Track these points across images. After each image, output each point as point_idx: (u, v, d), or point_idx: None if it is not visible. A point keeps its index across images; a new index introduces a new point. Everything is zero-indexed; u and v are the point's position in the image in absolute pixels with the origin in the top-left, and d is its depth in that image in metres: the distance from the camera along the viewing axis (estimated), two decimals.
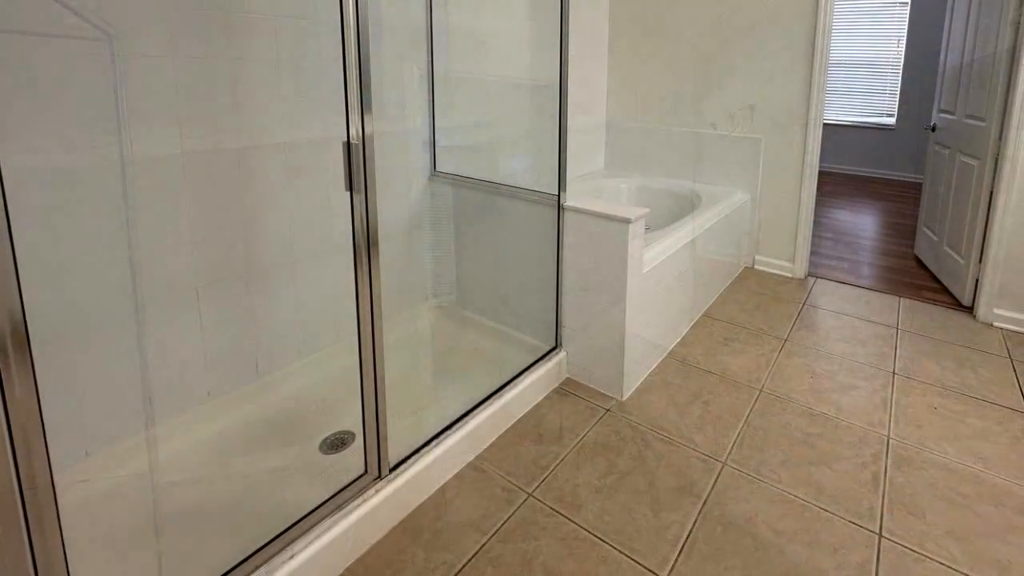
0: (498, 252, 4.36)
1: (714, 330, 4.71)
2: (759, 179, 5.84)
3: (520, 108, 4.91)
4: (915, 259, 6.55)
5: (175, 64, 2.94)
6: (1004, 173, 4.66)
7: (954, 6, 5.92)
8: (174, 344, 3.13)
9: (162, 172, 2.95)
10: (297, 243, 3.67)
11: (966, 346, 4.51)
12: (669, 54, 6.22)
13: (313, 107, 3.61)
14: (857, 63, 11.31)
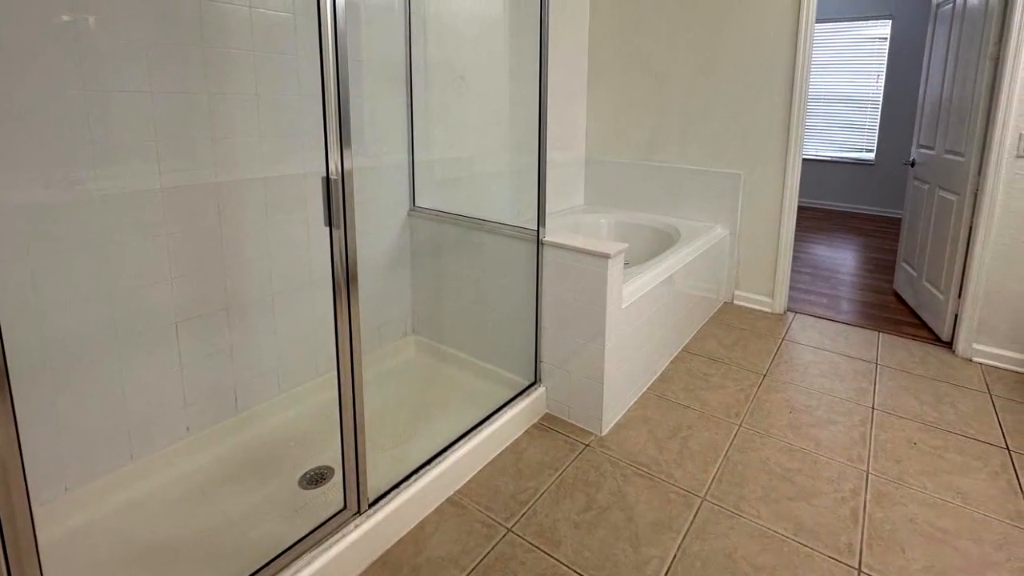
0: (478, 287, 4.38)
1: (693, 365, 4.73)
2: (738, 214, 5.89)
3: (499, 143, 4.96)
4: (894, 294, 6.60)
5: (154, 99, 2.96)
6: (983, 208, 4.70)
7: (933, 41, 6.01)
8: (153, 379, 3.14)
9: (141, 207, 2.97)
10: (276, 278, 3.69)
11: (945, 381, 4.55)
12: (648, 89, 6.28)
13: (292, 142, 3.64)
14: (836, 98, 11.41)
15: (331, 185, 2.32)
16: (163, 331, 3.15)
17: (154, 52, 2.93)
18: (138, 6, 2.84)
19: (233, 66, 3.29)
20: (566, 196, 6.59)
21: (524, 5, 4.88)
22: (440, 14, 4.55)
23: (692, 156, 6.11)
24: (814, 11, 5.23)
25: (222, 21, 3.20)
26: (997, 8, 4.55)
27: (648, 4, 6.10)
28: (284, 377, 3.83)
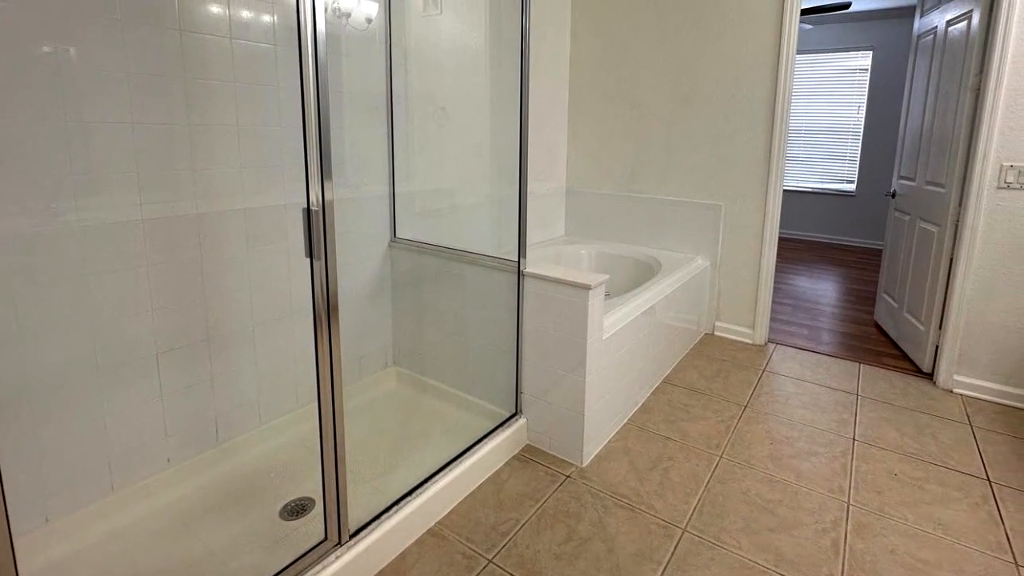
0: (458, 318, 4.40)
1: (674, 396, 4.75)
2: (719, 245, 5.93)
3: (480, 174, 4.99)
4: (875, 325, 6.64)
5: (135, 130, 2.98)
6: (964, 239, 4.74)
7: (914, 73, 6.05)
8: (134, 410, 3.15)
9: (122, 238, 2.98)
10: (257, 309, 3.71)
11: (926, 412, 4.57)
12: (629, 120, 6.34)
13: (273, 173, 3.67)
14: (818, 129, 11.48)
15: (312, 216, 2.33)
16: (144, 362, 3.16)
17: (135, 83, 2.95)
18: (119, 37, 2.87)
19: (214, 97, 3.31)
20: (547, 227, 6.63)
21: (505, 36, 4.91)
22: (421, 45, 4.59)
23: (673, 187, 6.16)
24: (795, 43, 5.28)
25: (203, 52, 3.23)
26: (978, 39, 4.61)
27: (629, 35, 6.16)
28: (265, 408, 3.85)
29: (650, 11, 5.99)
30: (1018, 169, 4.43)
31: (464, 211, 5.00)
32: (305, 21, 2.16)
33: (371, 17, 4.20)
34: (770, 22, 5.34)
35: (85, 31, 2.75)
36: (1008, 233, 4.56)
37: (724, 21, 5.58)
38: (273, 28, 3.57)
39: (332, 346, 2.49)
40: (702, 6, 5.68)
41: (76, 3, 2.70)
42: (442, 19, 4.67)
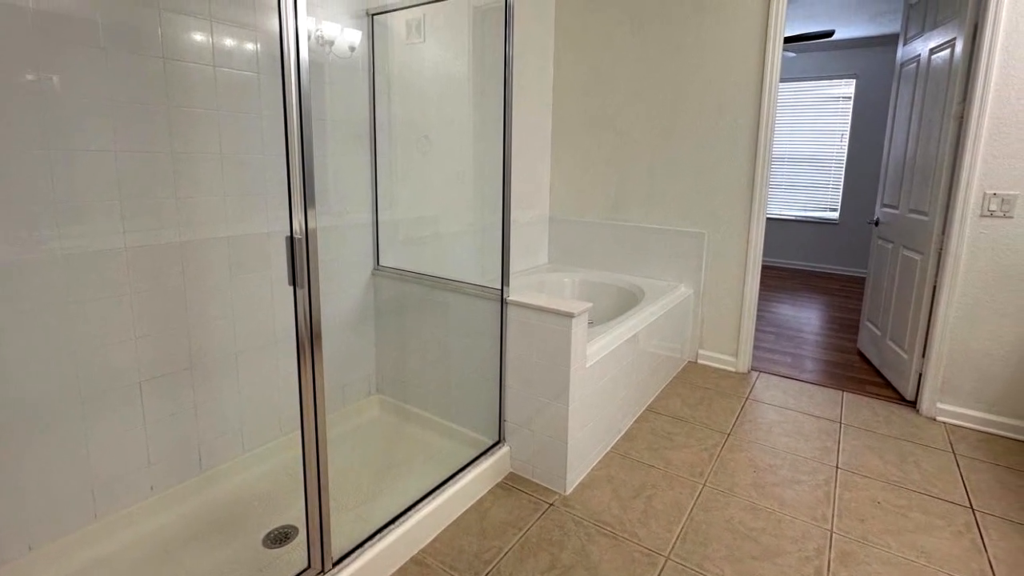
0: (442, 346, 4.41)
1: (657, 424, 4.76)
2: (702, 273, 5.96)
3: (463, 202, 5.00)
4: (858, 353, 6.68)
5: (118, 158, 3.00)
6: (947, 267, 4.77)
7: (897, 101, 6.08)
8: (117, 438, 3.16)
9: (105, 266, 3.00)
10: (240, 337, 3.73)
11: (909, 440, 4.60)
12: (612, 148, 6.38)
13: (256, 201, 3.69)
14: (801, 157, 11.55)
15: (295, 244, 2.33)
16: (127, 390, 3.17)
17: (119, 111, 2.97)
18: (102, 65, 2.89)
19: (197, 125, 3.33)
20: (530, 255, 6.65)
21: (488, 64, 4.95)
22: (404, 73, 4.62)
23: (656, 215, 6.20)
24: (778, 71, 5.33)
25: (186, 80, 3.25)
26: (961, 67, 4.65)
27: (612, 63, 6.22)
28: (248, 436, 3.85)
29: (633, 39, 6.05)
30: (1001, 197, 4.46)
31: (447, 239, 5.02)
32: (288, 49, 2.17)
33: (354, 45, 4.24)
34: (753, 50, 5.39)
35: (68, 59, 2.76)
36: (991, 261, 4.59)
37: (707, 49, 5.63)
38: (256, 56, 3.59)
39: (315, 374, 2.50)
40: (685, 34, 5.73)
41: (59, 31, 2.72)
42: (425, 47, 4.70)
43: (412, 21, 4.60)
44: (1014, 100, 4.34)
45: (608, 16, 6.18)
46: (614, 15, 6.14)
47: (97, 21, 2.84)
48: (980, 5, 4.46)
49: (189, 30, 3.22)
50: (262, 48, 3.61)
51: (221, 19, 3.37)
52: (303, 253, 2.34)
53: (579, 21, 6.38)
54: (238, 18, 3.46)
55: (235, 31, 3.45)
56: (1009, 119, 4.38)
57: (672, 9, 5.77)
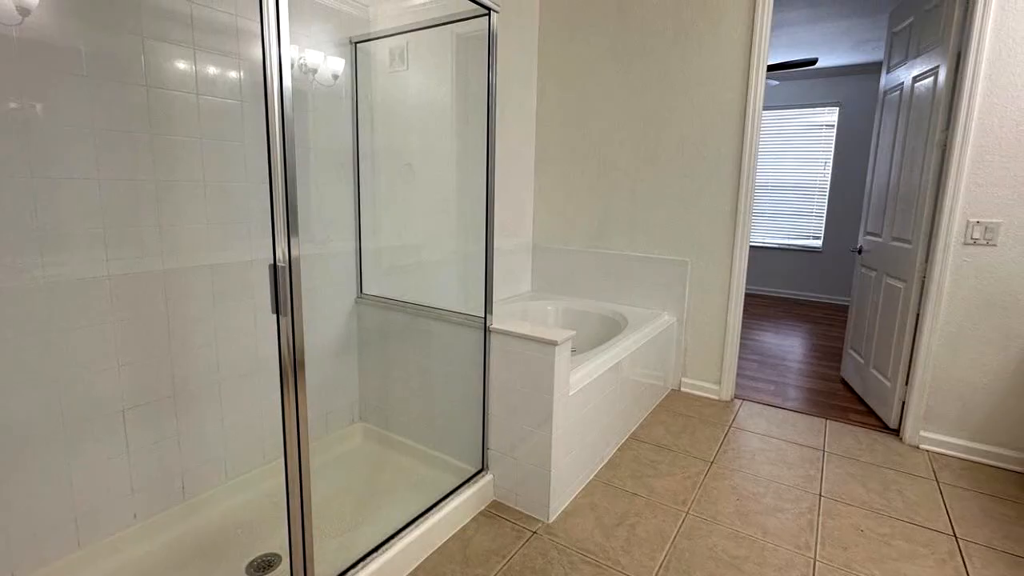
0: (425, 374, 4.43)
1: (641, 452, 4.77)
2: (686, 301, 5.99)
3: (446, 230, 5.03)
4: (842, 381, 6.70)
5: (101, 186, 3.01)
6: (931, 295, 4.80)
7: (881, 128, 6.12)
8: (101, 466, 3.16)
9: (88, 294, 3.01)
10: (223, 365, 3.73)
11: (892, 468, 4.62)
12: (595, 176, 6.42)
13: (240, 229, 3.70)
14: (784, 185, 11.60)
15: (278, 272, 2.33)
16: (110, 418, 3.17)
17: (102, 139, 2.99)
18: (86, 93, 2.91)
19: (181, 153, 3.35)
20: (513, 283, 6.68)
21: (471, 92, 4.98)
22: (387, 101, 4.65)
23: (639, 243, 6.23)
24: (761, 99, 5.38)
25: (170, 108, 3.27)
26: (944, 95, 4.69)
27: (595, 92, 6.27)
28: (231, 464, 3.85)
29: (616, 68, 6.11)
30: (985, 225, 4.50)
31: (430, 267, 5.04)
32: (272, 77, 2.18)
33: (337, 73, 4.27)
34: (737, 78, 5.44)
35: (52, 87, 2.78)
36: (975, 289, 4.63)
37: (691, 77, 5.68)
38: (239, 84, 3.61)
39: (299, 402, 2.50)
40: (668, 62, 5.78)
41: (43, 59, 2.74)
42: (408, 75, 4.73)
43: (395, 49, 4.64)
44: (997, 128, 4.39)
45: (591, 45, 6.24)
46: (597, 44, 6.20)
47: (80, 49, 2.86)
48: (964, 33, 4.52)
49: (172, 58, 3.25)
50: (245, 76, 3.63)
51: (204, 47, 3.40)
52: (286, 281, 2.34)
53: (562, 49, 6.44)
54: (221, 46, 3.49)
55: (218, 59, 3.48)
56: (992, 147, 4.42)
57: (655, 37, 5.82)
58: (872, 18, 7.77)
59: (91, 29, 2.89)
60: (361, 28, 4.41)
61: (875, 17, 7.73)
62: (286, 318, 2.38)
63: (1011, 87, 4.32)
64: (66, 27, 2.80)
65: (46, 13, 2.73)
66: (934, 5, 4.96)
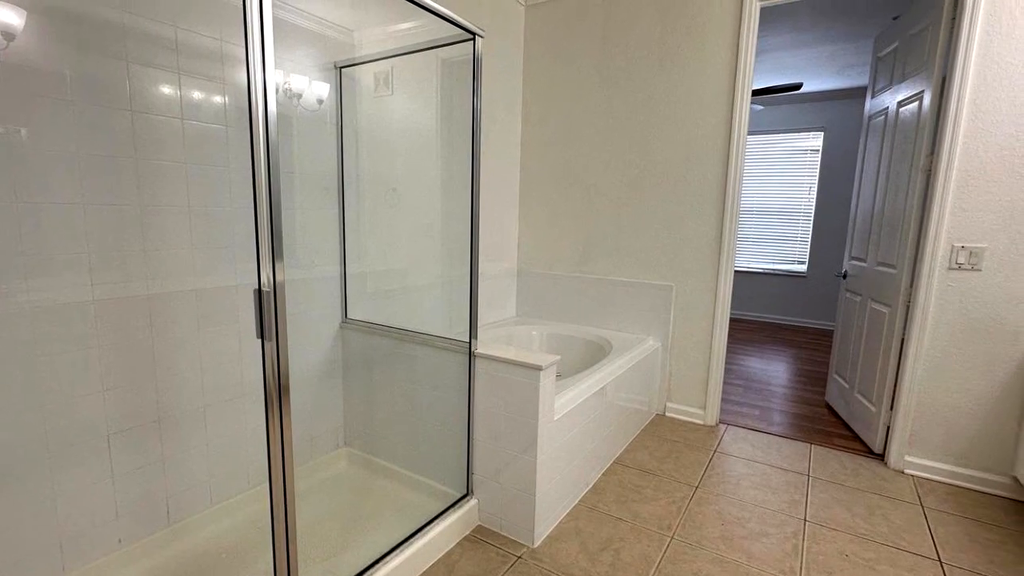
0: (410, 399, 4.44)
1: (625, 477, 4.78)
2: (670, 326, 6.02)
3: (431, 255, 5.06)
4: (826, 406, 6.73)
5: (86, 210, 3.02)
6: (915, 320, 4.84)
7: (866, 153, 6.15)
8: (85, 491, 3.16)
9: (73, 319, 3.02)
10: (208, 390, 3.74)
11: (877, 493, 4.63)
12: (580, 201, 6.46)
13: (224, 253, 3.72)
14: (769, 210, 11.65)
15: (263, 297, 2.34)
16: (95, 443, 3.18)
17: (86, 164, 3.00)
18: (70, 118, 2.92)
19: (165, 177, 3.36)
20: (498, 308, 6.70)
21: (456, 117, 5.03)
22: (372, 126, 4.68)
23: (624, 268, 6.26)
24: (746, 124, 5.41)
25: (154, 133, 3.28)
26: (929, 120, 4.72)
27: (580, 117, 6.33)
28: (216, 489, 3.86)
29: (601, 92, 6.15)
30: (969, 250, 4.53)
31: (415, 292, 5.07)
32: (256, 102, 2.19)
33: (322, 98, 4.29)
34: (721, 103, 5.49)
35: (37, 112, 2.80)
36: (959, 314, 4.66)
37: (676, 102, 5.73)
38: (224, 109, 3.63)
39: (283, 427, 2.50)
40: (653, 88, 5.83)
41: (27, 84, 2.76)
42: (393, 99, 4.77)
43: (380, 74, 4.67)
44: (982, 153, 4.42)
45: (576, 69, 6.29)
46: (582, 68, 6.25)
47: (65, 74, 2.88)
48: (948, 58, 4.56)
49: (157, 83, 3.27)
50: (230, 101, 3.65)
51: (189, 72, 3.42)
52: (271, 306, 2.35)
53: (547, 75, 6.49)
54: (206, 71, 3.51)
55: (203, 84, 3.50)
56: (977, 172, 4.45)
57: (640, 63, 5.87)
58: (857, 43, 7.85)
59: (76, 54, 2.91)
60: (346, 53, 4.44)
61: (860, 42, 7.80)
62: (271, 343, 2.38)
63: (996, 112, 4.36)
64: (51, 52, 2.82)
65: (31, 38, 2.75)
66: (919, 30, 5.01)
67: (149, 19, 3.19)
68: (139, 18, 3.14)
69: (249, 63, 2.18)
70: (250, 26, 2.16)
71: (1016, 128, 4.31)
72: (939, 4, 4.65)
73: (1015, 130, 4.31)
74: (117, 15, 3.05)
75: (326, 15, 4.21)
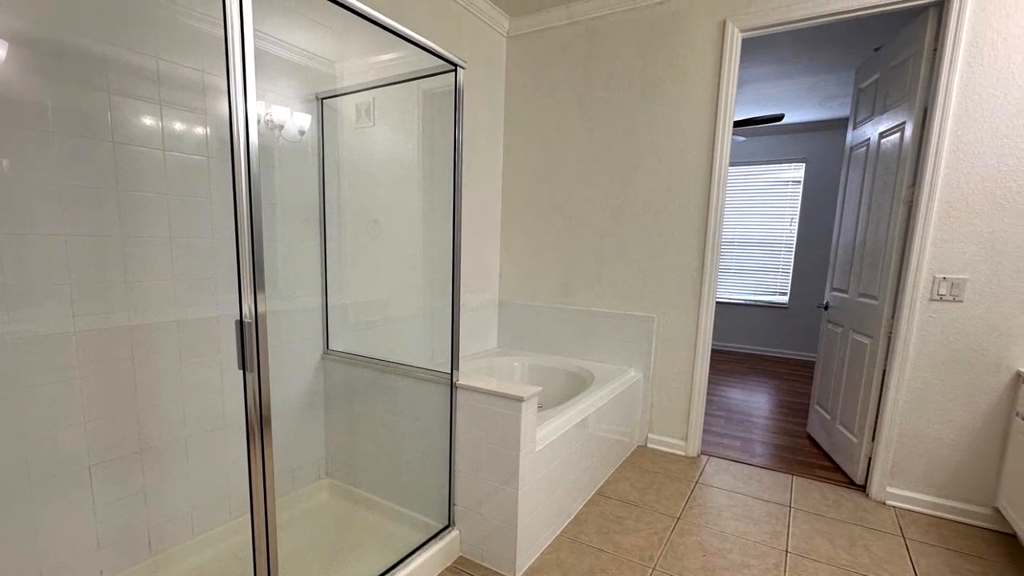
0: (391, 430, 4.46)
1: (607, 508, 4.79)
2: (652, 357, 6.05)
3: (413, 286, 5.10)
4: (808, 437, 6.75)
5: (68, 241, 3.04)
6: (897, 351, 4.87)
7: (847, 184, 6.19)
8: (67, 522, 3.17)
9: (54, 350, 3.03)
10: (190, 421, 3.75)
11: (859, 524, 4.65)
12: (561, 232, 6.51)
13: (206, 284, 3.73)
14: (751, 240, 11.70)
15: (245, 328, 2.35)
16: (77, 474, 3.18)
17: (68, 195, 3.02)
18: (52, 149, 2.94)
19: (147, 208, 3.38)
20: (480, 339, 6.72)
21: (438, 148, 5.08)
22: (354, 157, 4.71)
23: (605, 299, 6.30)
24: (728, 155, 5.46)
25: (136, 164, 3.30)
26: (911, 151, 4.77)
27: (561, 147, 6.38)
28: (198, 520, 3.86)
29: (583, 124, 6.22)
30: (951, 281, 4.56)
31: (397, 323, 5.10)
32: (238, 133, 2.21)
33: (304, 129, 4.32)
34: (703, 134, 5.53)
35: (18, 143, 2.82)
36: (941, 345, 4.69)
37: (657, 133, 5.77)
38: (206, 140, 3.65)
39: (265, 458, 2.51)
40: (635, 119, 5.88)
41: (8, 115, 2.78)
42: (375, 131, 4.81)
43: (362, 105, 4.71)
44: (963, 184, 4.47)
45: (557, 100, 6.35)
46: (564, 99, 6.31)
47: (47, 105, 2.90)
48: (930, 89, 4.61)
49: (139, 114, 3.29)
50: (212, 132, 3.67)
51: (171, 103, 3.45)
52: (253, 337, 2.36)
53: (529, 105, 6.55)
54: (188, 102, 3.54)
55: (185, 115, 3.52)
56: (958, 203, 4.50)
57: (622, 94, 5.93)
58: (838, 74, 7.94)
59: (58, 85, 2.93)
60: (328, 84, 4.47)
61: (841, 73, 7.89)
62: (253, 374, 2.39)
63: (977, 143, 4.40)
64: (33, 83, 2.84)
65: (12, 69, 2.78)
66: (901, 61, 5.07)
67: (131, 50, 3.22)
68: (121, 49, 3.17)
69: (231, 94, 2.20)
70: (232, 57, 2.19)
71: (997, 159, 4.36)
72: (921, 35, 4.71)
73: (996, 161, 4.36)
74: (99, 46, 3.07)
75: (308, 46, 4.25)
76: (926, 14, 4.64)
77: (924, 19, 4.67)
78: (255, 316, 2.34)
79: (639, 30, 5.76)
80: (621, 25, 5.86)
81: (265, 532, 2.56)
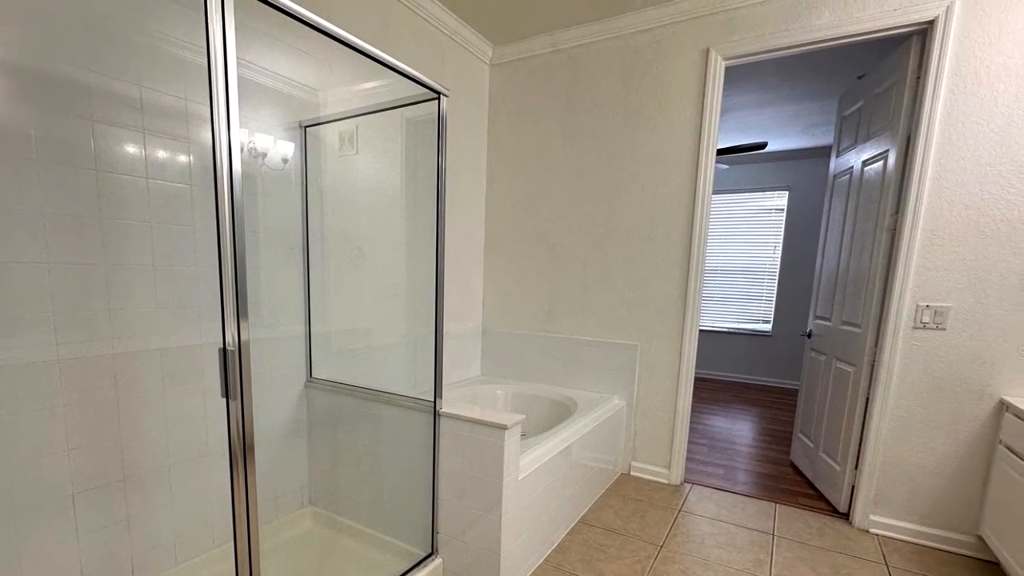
0: (375, 458, 4.48)
1: (590, 536, 4.80)
2: (635, 385, 6.07)
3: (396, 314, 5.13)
4: (791, 465, 6.78)
5: (51, 270, 3.05)
6: (880, 379, 4.90)
7: (830, 212, 6.22)
8: (50, 551, 3.16)
9: (37, 378, 3.04)
10: (173, 449, 3.75)
11: (842, 552, 4.67)
12: (544, 260, 6.55)
13: (189, 312, 3.75)
14: (734, 268, 11.74)
15: (228, 356, 2.38)
16: (60, 502, 3.19)
17: (51, 223, 3.03)
18: (35, 177, 2.95)
19: (130, 236, 3.39)
20: (463, 367, 6.75)
21: (421, 176, 5.12)
22: (337, 185, 4.74)
23: (589, 327, 6.33)
24: (711, 183, 5.51)
25: (120, 192, 3.32)
26: (894, 179, 4.81)
27: (544, 175, 6.42)
28: (181, 548, 3.86)
29: (566, 151, 6.26)
30: (934, 309, 4.59)
31: (380, 351, 5.12)
32: (221, 161, 2.25)
33: (287, 157, 4.34)
34: (686, 162, 5.58)
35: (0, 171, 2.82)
36: (924, 373, 4.72)
37: (640, 161, 5.82)
38: (189, 168, 3.66)
39: (248, 486, 2.52)
40: (618, 146, 5.93)
41: None
42: (358, 159, 4.85)
43: (345, 133, 4.75)
44: (947, 212, 4.50)
45: (541, 128, 6.40)
46: (547, 127, 6.36)
47: (30, 134, 2.92)
48: (913, 118, 4.65)
49: (122, 142, 3.31)
50: (195, 160, 3.69)
51: (154, 131, 3.46)
52: (236, 365, 2.38)
53: (512, 133, 6.60)
54: (171, 130, 3.55)
55: (168, 143, 3.54)
56: (942, 231, 4.53)
57: (605, 121, 5.98)
58: (821, 102, 8.01)
59: (40, 113, 2.95)
60: (311, 112, 4.50)
61: (824, 101, 7.97)
62: (236, 402, 2.41)
63: (961, 171, 4.44)
64: (15, 112, 2.86)
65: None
66: (884, 89, 5.11)
67: (114, 78, 3.24)
68: (104, 77, 3.19)
69: (214, 122, 2.24)
70: (215, 85, 2.22)
71: (981, 187, 4.40)
72: (904, 63, 4.76)
73: (980, 189, 4.40)
74: (83, 75, 3.10)
75: (291, 74, 4.28)
76: (909, 42, 4.69)
77: (907, 47, 4.72)
78: (238, 344, 2.37)
79: (622, 58, 5.82)
80: (604, 53, 5.92)
81: (248, 560, 2.57)
